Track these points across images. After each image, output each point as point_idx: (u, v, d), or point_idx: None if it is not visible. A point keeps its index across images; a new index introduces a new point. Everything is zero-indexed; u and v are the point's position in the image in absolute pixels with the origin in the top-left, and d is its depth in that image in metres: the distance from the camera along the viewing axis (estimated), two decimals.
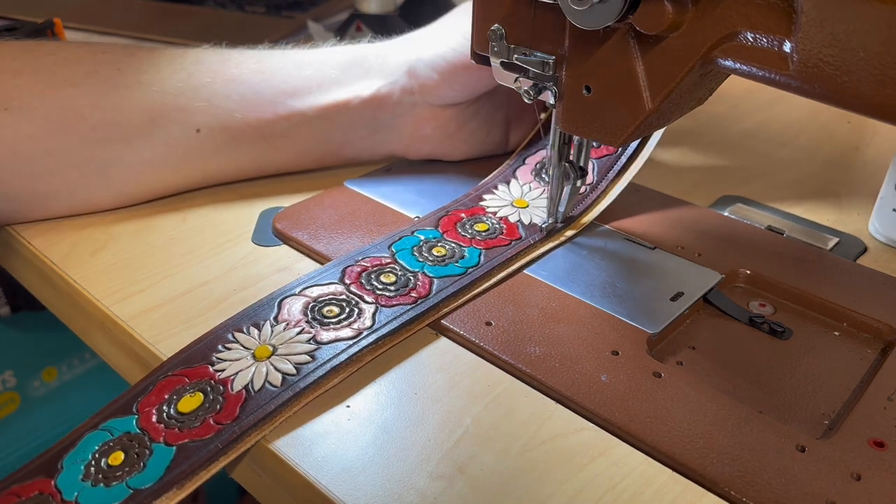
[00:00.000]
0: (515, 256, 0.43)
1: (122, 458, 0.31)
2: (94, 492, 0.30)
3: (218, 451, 0.31)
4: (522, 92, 0.39)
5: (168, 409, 0.33)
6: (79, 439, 0.32)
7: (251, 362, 0.34)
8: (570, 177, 0.43)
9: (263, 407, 0.32)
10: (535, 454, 0.32)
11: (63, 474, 0.31)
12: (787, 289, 0.42)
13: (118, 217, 0.49)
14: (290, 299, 0.38)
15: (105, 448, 0.31)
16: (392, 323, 0.37)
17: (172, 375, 0.34)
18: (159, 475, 0.30)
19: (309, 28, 0.83)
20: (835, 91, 0.28)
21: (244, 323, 0.37)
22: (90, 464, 0.31)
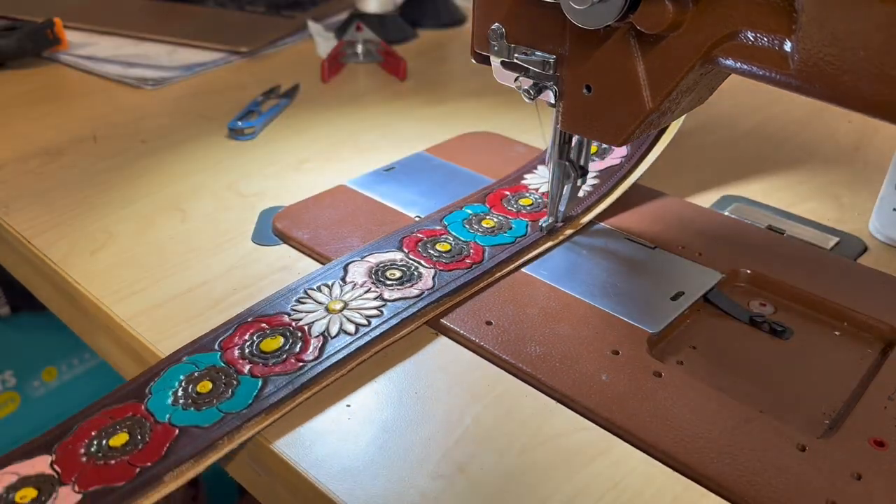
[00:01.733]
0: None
1: (210, 387, 0.33)
2: (185, 414, 0.32)
3: (303, 384, 0.34)
4: (523, 91, 0.39)
5: (251, 347, 0.36)
6: (162, 371, 0.34)
7: (326, 315, 0.38)
8: (571, 176, 0.43)
9: (346, 346, 0.36)
10: (536, 453, 0.32)
11: (152, 399, 0.33)
12: (787, 288, 0.42)
13: (118, 217, 0.49)
14: (354, 265, 0.41)
15: (191, 378, 0.34)
16: (451, 284, 0.40)
17: (253, 321, 0.37)
18: (248, 402, 0.33)
19: (309, 28, 0.83)
20: (835, 90, 0.28)
21: (315, 283, 0.40)
22: (177, 391, 0.33)
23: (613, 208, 0.49)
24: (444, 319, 0.39)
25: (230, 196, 0.51)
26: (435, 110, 0.67)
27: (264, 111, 0.64)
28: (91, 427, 0.32)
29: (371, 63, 0.78)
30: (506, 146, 0.58)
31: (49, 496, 0.29)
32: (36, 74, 0.73)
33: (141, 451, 0.31)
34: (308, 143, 0.60)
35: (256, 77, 0.73)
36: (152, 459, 0.30)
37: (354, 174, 0.53)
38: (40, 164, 0.55)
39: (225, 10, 0.91)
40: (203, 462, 0.31)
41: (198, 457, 0.31)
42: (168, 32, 0.81)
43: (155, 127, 0.62)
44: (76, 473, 0.30)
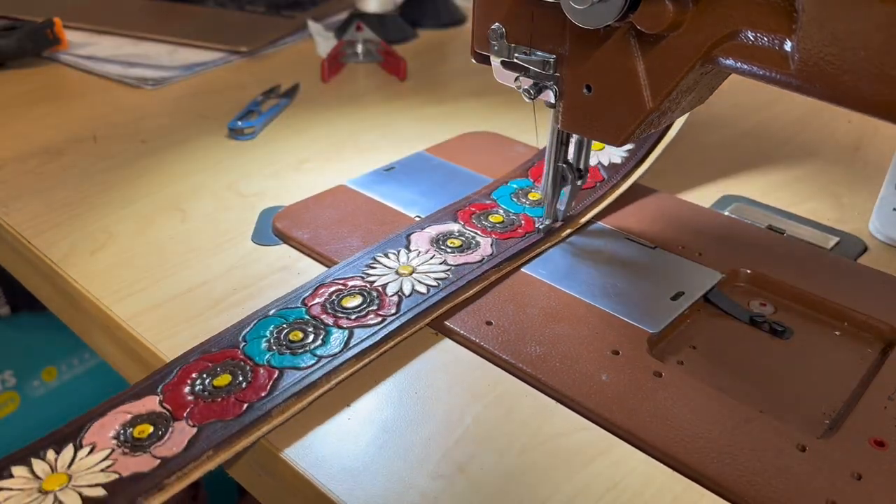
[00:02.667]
0: None
1: (301, 336, 0.36)
2: (282, 357, 0.35)
3: (387, 335, 0.36)
4: (523, 91, 0.39)
5: (332, 304, 0.38)
6: (252, 322, 0.37)
7: (397, 277, 0.41)
8: (568, 177, 0.43)
9: (419, 304, 0.38)
10: (536, 453, 0.32)
11: (248, 346, 0.36)
12: (787, 288, 0.42)
13: (118, 217, 0.49)
14: (416, 234, 0.45)
15: (281, 328, 0.37)
16: (511, 249, 0.43)
17: (331, 282, 0.40)
18: (340, 348, 0.36)
19: (309, 28, 0.83)
20: (835, 90, 0.28)
21: (381, 250, 0.43)
22: (269, 339, 0.36)
23: (613, 208, 0.49)
24: (445, 320, 0.39)
25: (230, 196, 0.51)
26: (435, 110, 0.67)
27: (264, 111, 0.64)
28: (192, 370, 0.34)
29: (371, 63, 0.78)
30: (506, 146, 0.58)
31: (165, 430, 0.31)
32: (36, 74, 0.73)
33: (245, 389, 0.33)
34: (308, 143, 0.59)
35: (256, 77, 0.73)
36: (259, 396, 0.33)
37: (354, 174, 0.53)
38: (40, 163, 0.55)
39: (225, 9, 0.91)
40: (305, 399, 0.33)
41: (300, 394, 0.33)
42: (168, 32, 0.81)
43: (155, 127, 0.62)
44: (187, 409, 0.32)
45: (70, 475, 0.30)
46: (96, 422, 0.32)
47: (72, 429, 0.32)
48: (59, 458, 0.32)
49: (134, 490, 0.29)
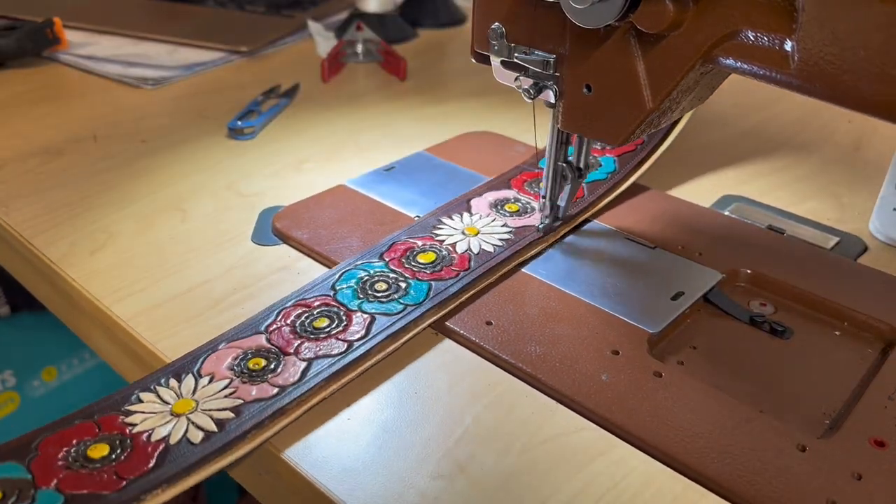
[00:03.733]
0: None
1: (385, 287, 0.40)
2: (372, 304, 0.38)
3: (464, 286, 0.40)
4: (523, 91, 0.39)
5: (409, 259, 0.42)
6: (341, 274, 0.41)
7: (464, 237, 0.44)
8: (568, 177, 0.43)
9: (489, 261, 0.42)
10: (536, 454, 0.32)
11: (339, 294, 0.39)
12: (787, 288, 0.42)
13: (118, 217, 0.49)
14: (475, 199, 0.48)
15: (366, 279, 0.40)
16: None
17: (403, 241, 0.44)
18: (422, 298, 0.39)
19: (309, 27, 0.83)
20: (836, 90, 0.28)
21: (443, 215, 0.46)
22: (357, 290, 0.39)
23: (613, 208, 0.49)
24: (445, 320, 0.39)
25: (230, 196, 0.51)
26: (435, 110, 0.67)
27: (264, 111, 0.64)
28: (289, 314, 0.38)
29: (371, 63, 0.78)
30: (506, 146, 0.58)
31: (278, 363, 0.35)
32: (36, 74, 0.73)
33: (342, 329, 0.37)
34: (308, 143, 0.59)
35: (256, 77, 0.73)
36: (357, 337, 0.36)
37: (354, 174, 0.53)
38: (40, 163, 0.55)
39: (225, 9, 0.91)
40: (400, 339, 0.37)
41: (394, 336, 0.36)
42: (168, 32, 0.81)
43: (155, 127, 0.62)
44: (293, 345, 0.36)
45: (197, 401, 0.33)
46: (211, 355, 0.35)
47: (186, 360, 0.35)
48: (181, 386, 0.34)
49: (260, 414, 0.32)
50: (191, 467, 0.30)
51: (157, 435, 0.31)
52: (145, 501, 0.29)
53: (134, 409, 0.32)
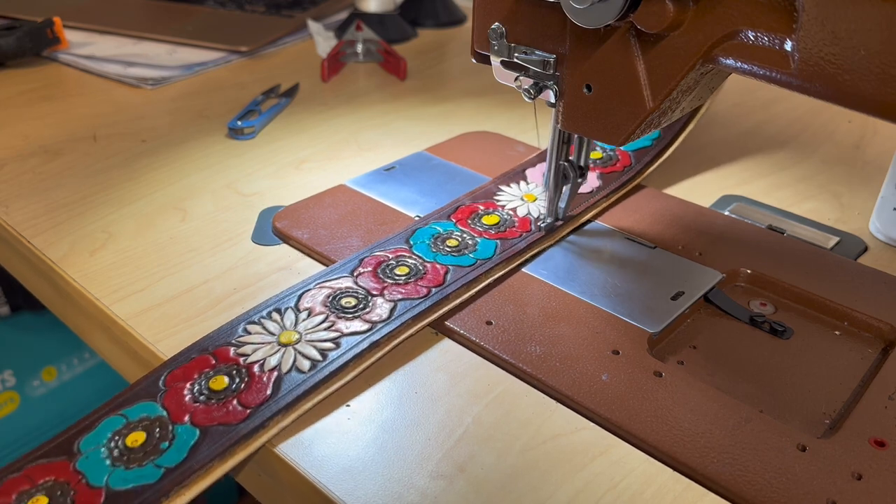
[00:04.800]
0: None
1: (456, 244, 0.42)
2: (446, 258, 0.42)
3: (529, 244, 0.42)
4: (523, 91, 0.39)
5: (475, 221, 0.45)
6: (413, 230, 0.44)
7: (522, 202, 0.45)
8: (570, 176, 0.43)
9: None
10: (536, 453, 0.32)
11: (414, 247, 0.43)
12: (787, 288, 0.42)
13: (118, 216, 0.49)
14: (530, 169, 0.49)
15: (438, 236, 0.44)
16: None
17: (468, 204, 0.46)
18: (491, 254, 0.42)
19: (309, 27, 0.83)
20: (836, 89, 0.28)
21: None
22: (430, 245, 0.43)
23: (613, 208, 0.49)
24: (445, 320, 0.39)
25: (230, 196, 0.51)
26: (435, 110, 0.67)
27: (264, 111, 0.64)
28: (372, 261, 0.42)
29: (371, 62, 0.78)
30: (506, 146, 0.58)
31: (367, 304, 0.38)
32: (35, 74, 0.73)
33: (421, 278, 0.40)
34: (308, 143, 0.59)
35: (256, 76, 0.73)
36: (435, 284, 0.40)
37: (354, 174, 0.53)
38: (40, 163, 0.55)
39: (225, 9, 0.91)
40: (473, 288, 0.40)
41: (468, 285, 0.40)
42: (168, 32, 0.81)
43: (155, 127, 0.62)
44: (382, 289, 0.39)
45: (300, 333, 0.36)
46: (308, 292, 0.39)
47: (285, 296, 0.39)
48: (283, 319, 0.37)
49: (357, 346, 0.35)
50: (304, 394, 0.33)
51: (268, 364, 0.34)
52: (270, 428, 0.32)
53: (244, 342, 0.36)
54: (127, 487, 0.29)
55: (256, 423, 0.31)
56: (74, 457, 0.31)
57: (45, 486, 0.29)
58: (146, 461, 0.30)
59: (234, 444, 0.31)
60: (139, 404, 0.32)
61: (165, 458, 0.30)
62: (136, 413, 0.32)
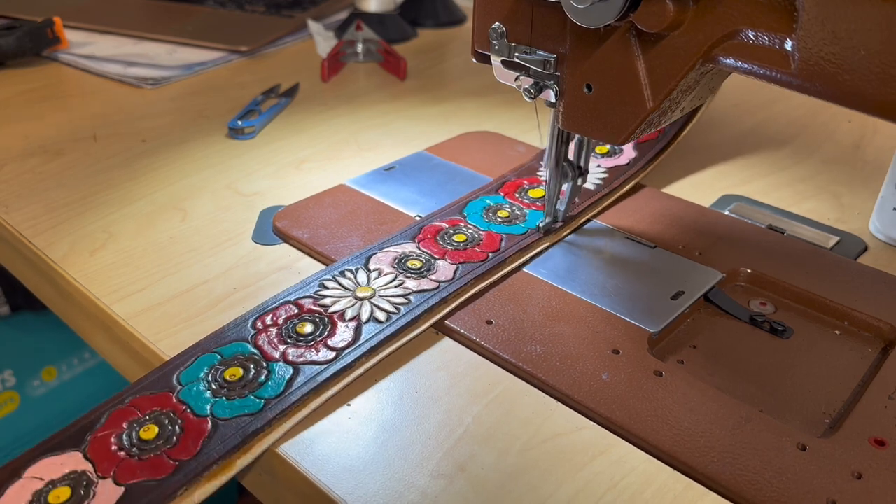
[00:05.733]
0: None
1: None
2: (499, 226, 0.45)
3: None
4: (523, 90, 0.39)
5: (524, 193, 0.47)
6: (467, 202, 0.46)
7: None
8: (569, 176, 0.43)
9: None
10: (536, 453, 0.32)
11: (469, 217, 0.45)
12: (787, 287, 0.42)
13: (118, 216, 0.49)
14: None
15: (490, 207, 0.47)
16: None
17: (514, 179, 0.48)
18: None
19: (309, 27, 0.83)
20: (836, 89, 0.28)
21: None
22: (483, 215, 0.46)
23: (613, 208, 0.49)
24: (445, 319, 0.39)
25: (230, 195, 0.51)
26: (435, 109, 0.67)
27: (264, 110, 0.64)
28: (434, 229, 0.45)
29: (371, 62, 0.78)
30: (506, 145, 0.58)
31: (431, 266, 0.41)
32: (36, 74, 0.73)
33: (480, 243, 0.42)
34: (308, 143, 0.59)
35: (256, 76, 0.73)
36: (493, 250, 0.42)
37: (354, 173, 0.53)
38: (40, 163, 0.55)
39: (225, 9, 0.91)
40: None
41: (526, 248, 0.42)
42: (168, 32, 0.81)
43: (155, 126, 0.62)
44: (445, 254, 0.42)
45: (374, 289, 0.39)
46: (375, 254, 0.42)
47: (354, 257, 0.42)
48: (357, 277, 0.40)
49: (427, 301, 0.38)
50: (385, 340, 0.36)
51: (349, 314, 0.38)
52: (355, 369, 0.35)
53: (324, 294, 0.39)
54: (231, 416, 0.32)
55: (343, 363, 0.35)
56: (175, 389, 0.33)
57: (153, 415, 0.32)
58: (246, 393, 0.33)
59: (327, 380, 0.34)
60: (232, 344, 0.36)
61: (264, 390, 0.33)
62: (229, 351, 0.35)
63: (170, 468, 0.30)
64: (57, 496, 0.29)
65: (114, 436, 0.31)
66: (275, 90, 0.68)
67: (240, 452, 0.31)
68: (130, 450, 0.30)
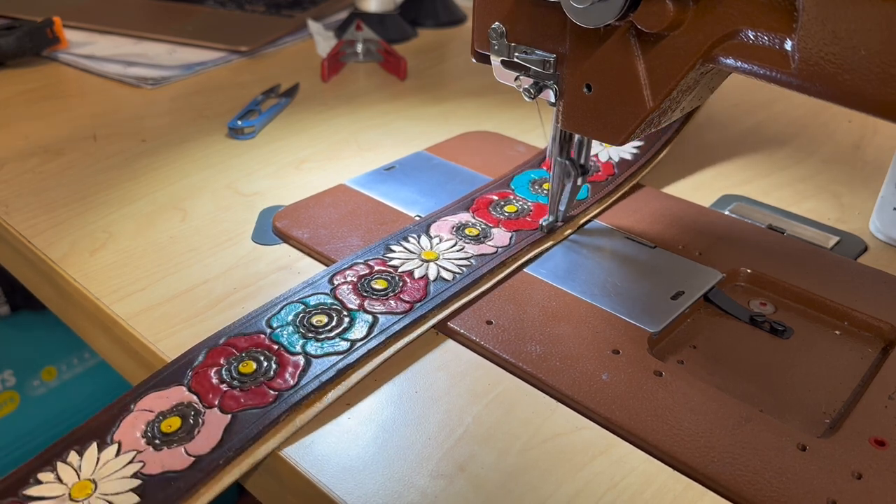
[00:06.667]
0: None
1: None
2: None
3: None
4: (523, 90, 0.39)
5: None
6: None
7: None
8: (571, 174, 0.43)
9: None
10: (536, 453, 0.32)
11: None
12: (787, 287, 0.42)
13: (118, 216, 0.49)
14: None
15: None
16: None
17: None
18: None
19: (309, 27, 0.83)
20: (836, 89, 0.28)
21: None
22: None
23: (613, 208, 0.49)
24: (447, 321, 0.39)
25: (230, 195, 0.51)
26: (435, 109, 0.67)
27: (264, 110, 0.64)
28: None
29: (371, 62, 0.78)
30: (506, 145, 0.58)
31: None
32: (35, 73, 0.73)
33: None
34: (308, 143, 0.59)
35: (256, 76, 0.73)
36: None
37: (354, 173, 0.53)
38: (40, 163, 0.55)
39: (225, 9, 0.91)
40: None
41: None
42: (168, 31, 0.81)
43: (155, 126, 0.62)
44: None
45: (438, 252, 0.43)
46: (434, 223, 0.45)
47: (416, 227, 0.45)
48: (420, 241, 0.44)
49: (480, 269, 0.41)
50: (452, 296, 0.39)
51: (417, 273, 0.41)
52: (428, 320, 0.38)
53: (391, 256, 0.42)
54: (322, 354, 0.35)
55: (417, 314, 0.38)
56: (266, 332, 0.36)
57: (248, 353, 0.35)
58: (334, 335, 0.36)
59: (405, 327, 0.37)
60: (314, 295, 0.39)
61: (350, 333, 0.36)
62: (312, 301, 0.39)
63: (271, 397, 0.33)
64: (169, 425, 0.32)
65: (213, 370, 0.34)
66: (275, 90, 0.68)
67: (332, 385, 0.34)
68: (231, 382, 0.33)
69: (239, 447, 0.31)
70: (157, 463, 0.30)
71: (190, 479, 0.29)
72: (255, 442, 0.31)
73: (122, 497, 0.29)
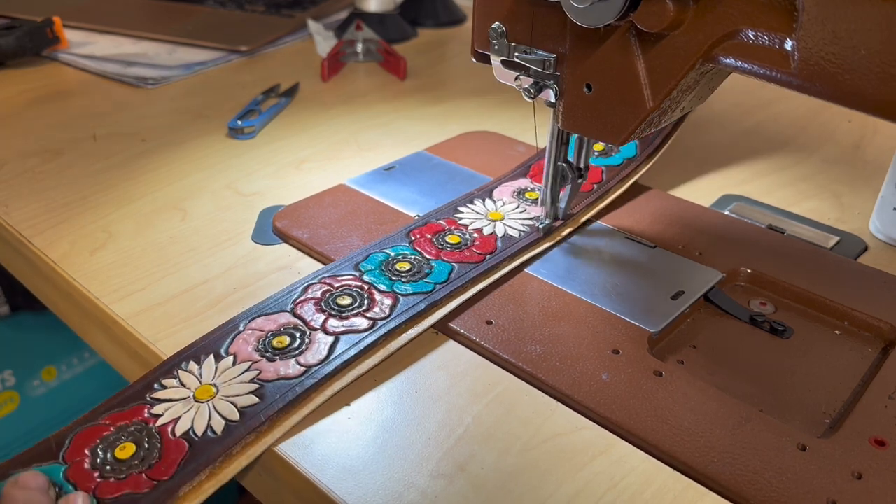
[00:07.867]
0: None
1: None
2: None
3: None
4: (523, 90, 0.39)
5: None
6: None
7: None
8: (568, 176, 0.43)
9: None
10: (536, 453, 0.32)
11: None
12: (787, 287, 0.42)
13: (118, 216, 0.49)
14: None
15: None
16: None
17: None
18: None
19: (309, 27, 0.83)
20: (836, 89, 0.28)
21: None
22: None
23: (613, 208, 0.49)
24: (446, 320, 0.39)
25: (230, 195, 0.51)
26: (435, 109, 0.67)
27: (264, 110, 0.64)
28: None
29: (371, 62, 0.78)
30: (506, 145, 0.58)
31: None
32: (35, 73, 0.73)
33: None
34: (308, 143, 0.59)
35: (256, 76, 0.73)
36: None
37: (354, 173, 0.53)
38: (40, 163, 0.55)
39: (225, 9, 0.91)
40: None
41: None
42: (168, 31, 0.81)
43: (155, 126, 0.62)
44: None
45: (503, 213, 0.46)
46: (496, 188, 0.49)
47: (479, 191, 0.48)
48: (485, 203, 0.48)
49: None
50: (520, 250, 0.43)
51: (486, 231, 0.45)
52: (499, 269, 0.42)
53: (460, 216, 0.46)
54: (411, 293, 0.39)
55: (488, 265, 0.42)
56: (357, 274, 0.41)
57: (343, 290, 0.39)
58: (418, 278, 0.40)
59: (478, 275, 0.41)
60: (395, 246, 0.43)
61: (432, 277, 0.41)
62: (396, 251, 0.43)
63: (368, 326, 0.37)
64: (280, 341, 0.36)
65: (313, 302, 0.38)
66: (275, 90, 0.68)
67: (421, 316, 0.38)
68: (331, 311, 0.38)
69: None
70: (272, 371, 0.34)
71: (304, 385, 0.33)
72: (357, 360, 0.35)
73: (243, 399, 0.33)
